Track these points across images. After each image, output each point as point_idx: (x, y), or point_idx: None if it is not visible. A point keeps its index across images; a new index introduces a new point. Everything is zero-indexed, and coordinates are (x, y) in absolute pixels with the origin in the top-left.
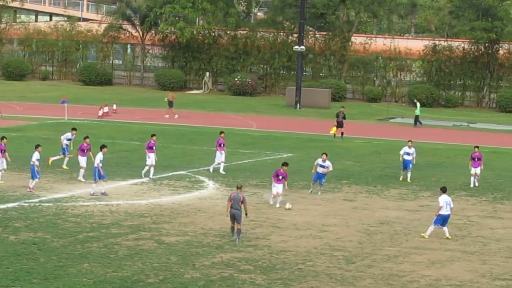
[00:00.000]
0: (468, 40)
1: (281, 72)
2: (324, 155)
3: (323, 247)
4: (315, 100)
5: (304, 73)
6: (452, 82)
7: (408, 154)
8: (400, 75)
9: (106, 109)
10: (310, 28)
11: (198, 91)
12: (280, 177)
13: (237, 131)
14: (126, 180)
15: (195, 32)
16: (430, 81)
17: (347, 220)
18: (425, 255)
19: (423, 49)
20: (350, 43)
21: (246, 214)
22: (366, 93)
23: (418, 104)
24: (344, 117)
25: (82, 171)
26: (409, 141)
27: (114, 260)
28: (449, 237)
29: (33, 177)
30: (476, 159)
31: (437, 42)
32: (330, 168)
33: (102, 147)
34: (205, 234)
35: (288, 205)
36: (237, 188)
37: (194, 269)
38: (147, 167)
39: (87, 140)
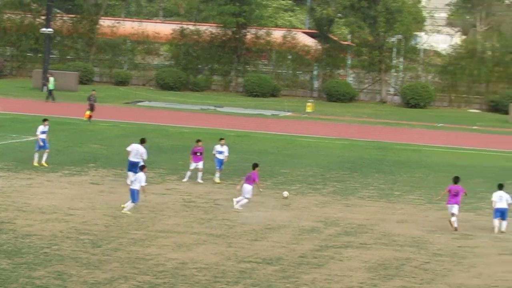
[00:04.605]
0: (216, 25)
1: (28, 54)
2: (222, 140)
3: (69, 230)
4: (63, 83)
5: (52, 56)
6: (200, 66)
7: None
8: (148, 58)
9: None
10: (58, 10)
11: None
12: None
13: None
14: None
15: None
16: (178, 65)
17: (93, 203)
18: (172, 238)
19: (171, 33)
20: (98, 26)
21: None
22: (114, 76)
23: (51, 79)
24: (95, 100)
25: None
26: (221, 139)
27: None
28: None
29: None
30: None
31: (185, 26)
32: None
33: None
34: None
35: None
36: None
37: None
38: None
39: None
